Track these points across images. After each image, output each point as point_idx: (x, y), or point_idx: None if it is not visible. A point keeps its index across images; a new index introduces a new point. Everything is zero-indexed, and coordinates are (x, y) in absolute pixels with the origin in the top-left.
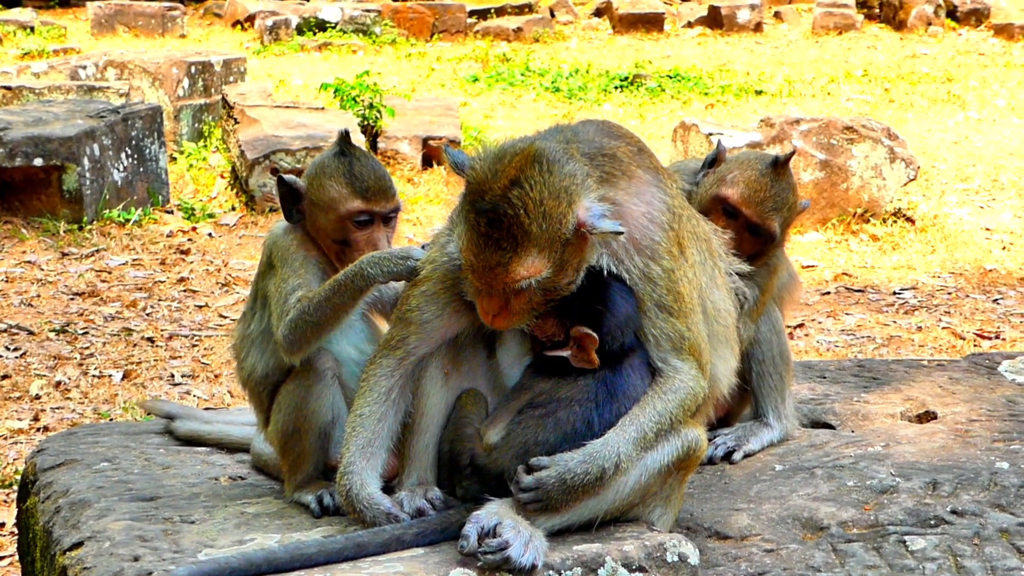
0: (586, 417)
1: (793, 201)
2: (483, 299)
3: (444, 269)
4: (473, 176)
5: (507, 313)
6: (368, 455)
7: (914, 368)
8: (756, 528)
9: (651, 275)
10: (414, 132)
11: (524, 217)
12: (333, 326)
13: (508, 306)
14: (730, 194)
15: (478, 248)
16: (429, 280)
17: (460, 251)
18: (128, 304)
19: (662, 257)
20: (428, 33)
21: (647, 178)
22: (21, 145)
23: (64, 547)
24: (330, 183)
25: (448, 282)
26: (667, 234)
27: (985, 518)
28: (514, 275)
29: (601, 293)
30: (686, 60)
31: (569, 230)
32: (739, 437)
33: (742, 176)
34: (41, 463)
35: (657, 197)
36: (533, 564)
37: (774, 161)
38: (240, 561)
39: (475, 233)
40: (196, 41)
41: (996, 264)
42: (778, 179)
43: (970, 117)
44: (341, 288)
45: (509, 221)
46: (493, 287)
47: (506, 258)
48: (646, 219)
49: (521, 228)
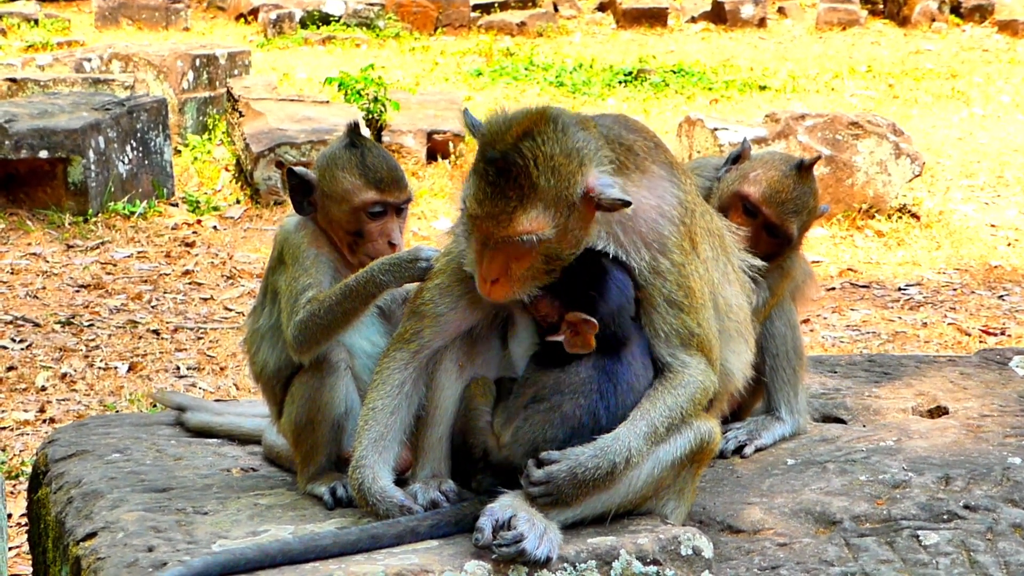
0: (591, 409)
1: (813, 205)
2: (483, 262)
3: (459, 261)
4: (486, 130)
5: (506, 280)
6: (381, 448)
7: (925, 363)
8: (769, 522)
9: (660, 269)
10: (418, 126)
11: (533, 169)
12: (343, 329)
13: (508, 272)
14: (752, 192)
15: (483, 196)
16: (443, 273)
17: (465, 201)
18: (133, 296)
19: (671, 251)
20: (432, 27)
21: (661, 173)
22: (26, 137)
23: (77, 538)
24: (343, 175)
25: (463, 274)
26: (678, 229)
27: (998, 513)
28: (517, 226)
29: (597, 280)
30: (690, 55)
31: (577, 193)
32: (751, 431)
33: (765, 175)
34: (52, 454)
35: (669, 192)
36: (548, 556)
37: (799, 164)
38: (255, 552)
39: (483, 182)
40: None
41: (1001, 260)
42: (801, 182)
43: (975, 113)
44: (352, 293)
45: (517, 171)
46: (495, 240)
47: (511, 207)
48: (656, 212)
49: (529, 179)
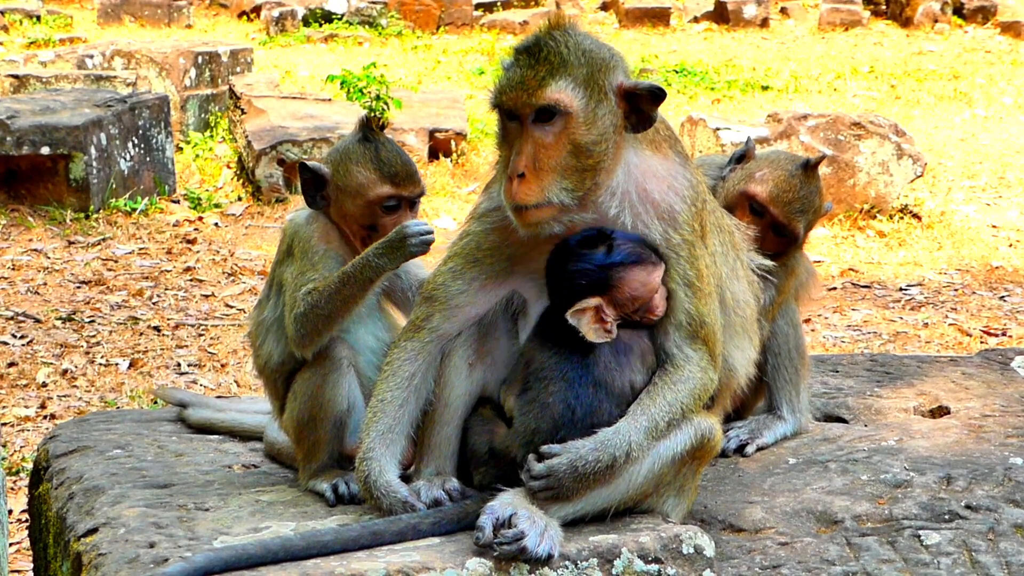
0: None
1: (819, 204)
2: (511, 156)
3: (475, 241)
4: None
5: (533, 175)
6: (388, 441)
7: (927, 363)
8: (770, 521)
9: (672, 243)
10: (421, 124)
11: (564, 48)
12: (342, 318)
13: (535, 163)
14: (759, 191)
15: (514, 72)
16: (457, 256)
17: (492, 90)
18: (134, 293)
19: (682, 227)
20: (434, 25)
21: (676, 159)
22: (28, 133)
23: (79, 533)
24: (357, 169)
25: (476, 257)
26: (689, 208)
27: (1000, 513)
28: (545, 91)
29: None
30: (692, 55)
31: (609, 83)
32: (752, 430)
33: (772, 175)
34: (54, 449)
35: (682, 175)
36: (549, 554)
37: (805, 163)
38: (257, 548)
39: (511, 62)
40: (202, 31)
41: (1003, 261)
42: (807, 181)
43: (977, 114)
44: (349, 279)
45: (549, 50)
46: (524, 115)
47: (540, 74)
48: (669, 188)
49: (560, 56)
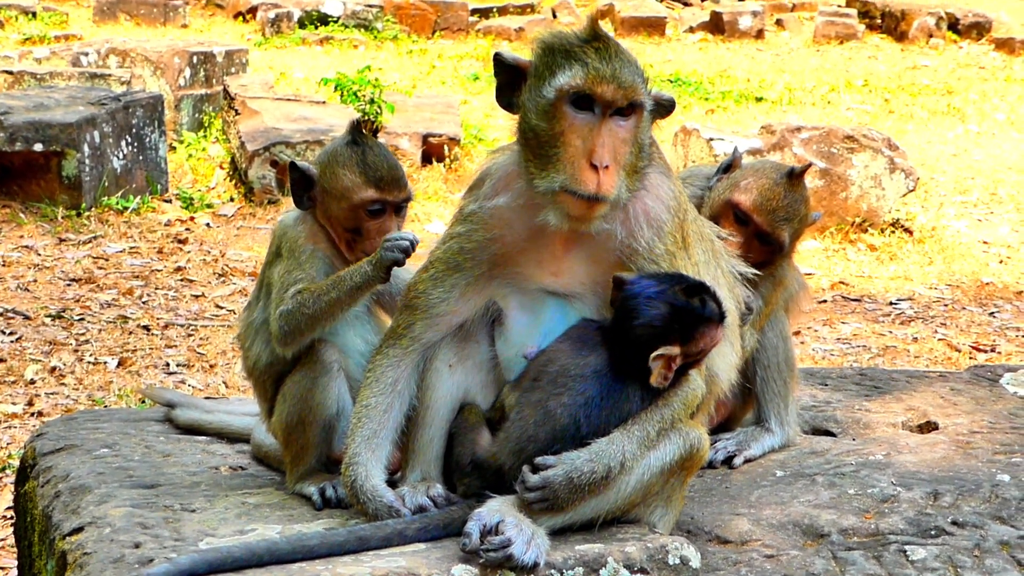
0: (574, 414)
1: (805, 213)
2: (595, 147)
3: (459, 244)
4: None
5: (615, 166)
6: (374, 447)
7: (915, 378)
8: (757, 533)
9: (655, 253)
10: (414, 129)
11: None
12: (328, 321)
13: (615, 154)
14: (743, 200)
15: (604, 62)
16: (438, 262)
17: (576, 76)
18: (124, 292)
19: (666, 237)
20: (429, 30)
21: (661, 169)
22: (21, 130)
23: (64, 532)
24: (343, 172)
25: (456, 263)
26: (672, 218)
27: (986, 530)
28: (637, 86)
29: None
30: (687, 65)
31: (647, 89)
32: (740, 442)
33: (756, 184)
34: (41, 447)
35: (667, 185)
36: (535, 562)
37: (790, 172)
38: (242, 551)
39: (595, 53)
40: (197, 31)
41: (993, 277)
42: (792, 190)
43: (970, 130)
44: (339, 283)
45: (620, 47)
46: (616, 106)
47: (631, 68)
48: (655, 200)
49: (629, 55)
